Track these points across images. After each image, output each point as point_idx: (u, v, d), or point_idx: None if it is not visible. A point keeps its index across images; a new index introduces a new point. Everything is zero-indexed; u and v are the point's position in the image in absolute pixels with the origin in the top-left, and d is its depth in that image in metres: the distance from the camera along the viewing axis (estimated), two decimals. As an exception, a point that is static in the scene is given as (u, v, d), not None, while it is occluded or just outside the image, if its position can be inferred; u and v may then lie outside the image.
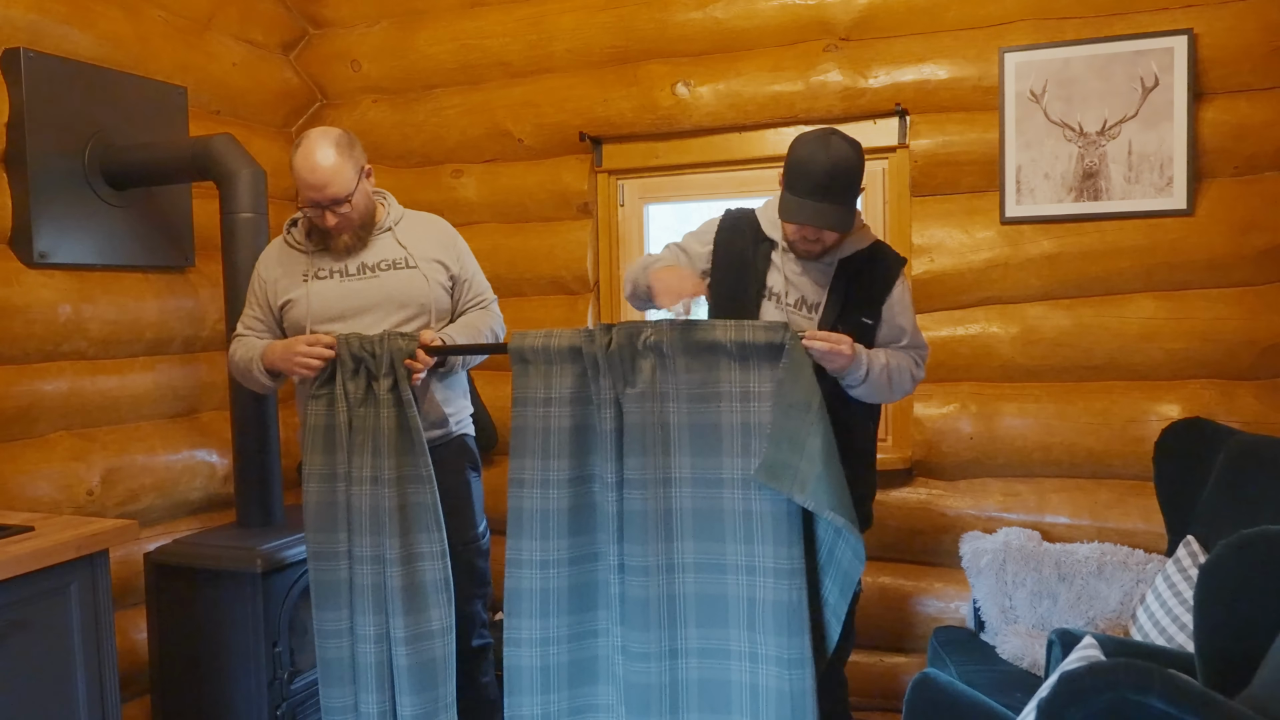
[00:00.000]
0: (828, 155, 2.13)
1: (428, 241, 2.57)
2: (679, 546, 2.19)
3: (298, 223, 2.56)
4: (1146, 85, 2.89)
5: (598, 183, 3.58)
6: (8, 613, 1.99)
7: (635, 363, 2.16)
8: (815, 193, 2.13)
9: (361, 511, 2.33)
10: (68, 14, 2.82)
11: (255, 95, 3.57)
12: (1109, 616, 2.67)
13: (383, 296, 2.47)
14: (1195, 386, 2.93)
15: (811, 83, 3.22)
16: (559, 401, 2.23)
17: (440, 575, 2.36)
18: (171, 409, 3.16)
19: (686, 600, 2.19)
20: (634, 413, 2.16)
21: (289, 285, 2.50)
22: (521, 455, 2.27)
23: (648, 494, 2.16)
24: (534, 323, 3.59)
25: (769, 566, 2.11)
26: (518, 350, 2.26)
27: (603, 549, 2.26)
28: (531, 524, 2.25)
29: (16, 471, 2.64)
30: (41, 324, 2.71)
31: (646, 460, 2.16)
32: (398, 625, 2.31)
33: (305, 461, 2.38)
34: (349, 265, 2.49)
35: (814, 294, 2.30)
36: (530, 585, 2.26)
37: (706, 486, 2.18)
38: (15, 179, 2.68)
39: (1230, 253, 2.86)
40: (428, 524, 2.36)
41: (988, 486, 3.14)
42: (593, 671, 2.29)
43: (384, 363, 2.30)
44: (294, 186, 2.44)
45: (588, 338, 2.19)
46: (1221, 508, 2.39)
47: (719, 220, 2.46)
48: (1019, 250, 3.05)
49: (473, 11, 3.61)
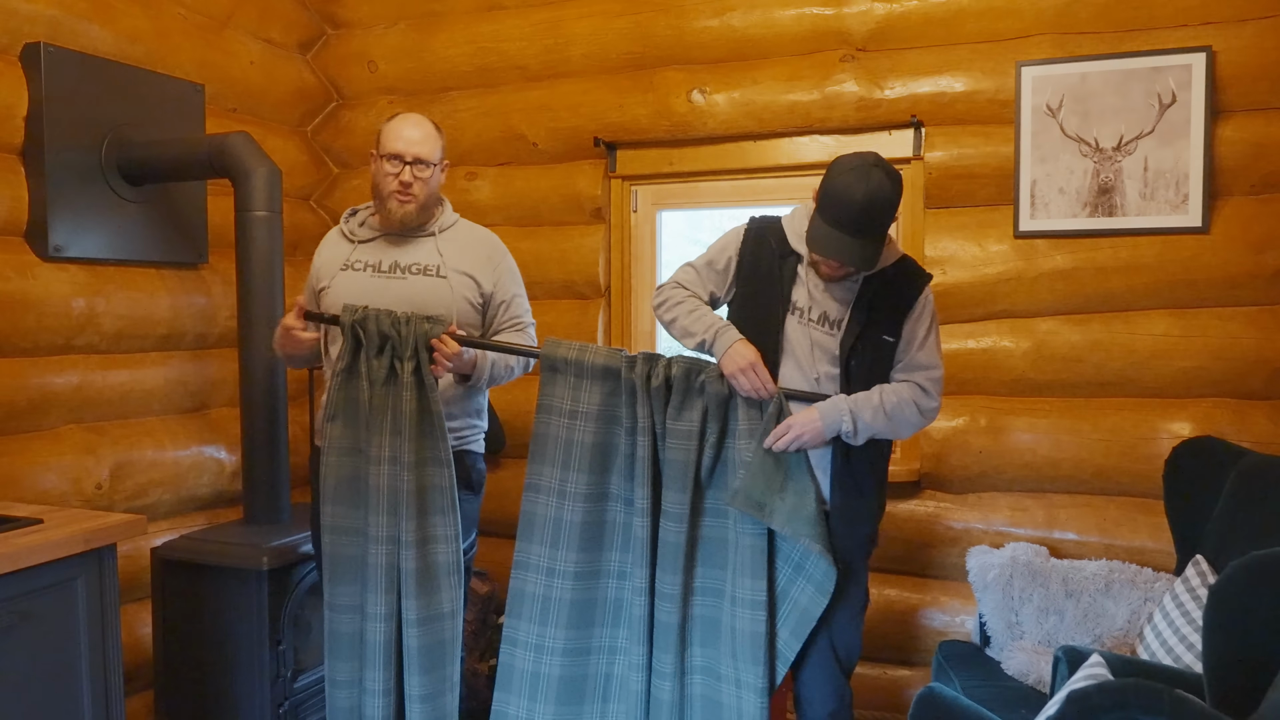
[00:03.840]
0: (865, 191, 2.05)
1: (466, 255, 2.54)
2: (699, 572, 2.29)
3: (357, 212, 2.60)
4: (1164, 102, 2.88)
5: (611, 188, 3.58)
6: (15, 604, 2.00)
7: (686, 400, 2.22)
8: (846, 226, 2.08)
9: (380, 491, 2.33)
10: (88, 10, 2.84)
11: (272, 94, 3.59)
12: (1116, 635, 2.65)
13: (405, 299, 2.45)
14: (1207, 405, 2.91)
15: (827, 92, 3.21)
16: (585, 416, 2.27)
17: (453, 558, 2.37)
18: (182, 405, 3.17)
19: (694, 622, 2.30)
20: (678, 449, 2.22)
21: (328, 271, 2.53)
22: (540, 462, 2.31)
23: (684, 527, 2.23)
24: (544, 327, 3.59)
25: (746, 598, 2.21)
26: (549, 358, 2.28)
27: (610, 568, 2.32)
28: (543, 530, 2.30)
29: (26, 463, 2.65)
30: (55, 317, 2.73)
31: (685, 496, 2.22)
32: (410, 607, 2.32)
33: (325, 432, 2.38)
34: (383, 262, 2.50)
35: (837, 311, 2.26)
36: (534, 590, 2.31)
37: (715, 516, 2.28)
38: (32, 173, 2.69)
39: (1245, 271, 2.84)
40: (443, 506, 2.37)
41: (996, 501, 3.12)
42: (580, 691, 2.33)
43: (409, 344, 2.30)
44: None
45: (628, 364, 2.23)
46: (1231, 528, 2.38)
47: (743, 230, 2.38)
48: (1032, 264, 3.04)
49: (490, 15, 3.62)
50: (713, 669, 2.29)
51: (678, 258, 3.90)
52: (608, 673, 2.34)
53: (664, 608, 2.26)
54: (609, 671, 2.34)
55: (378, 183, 2.48)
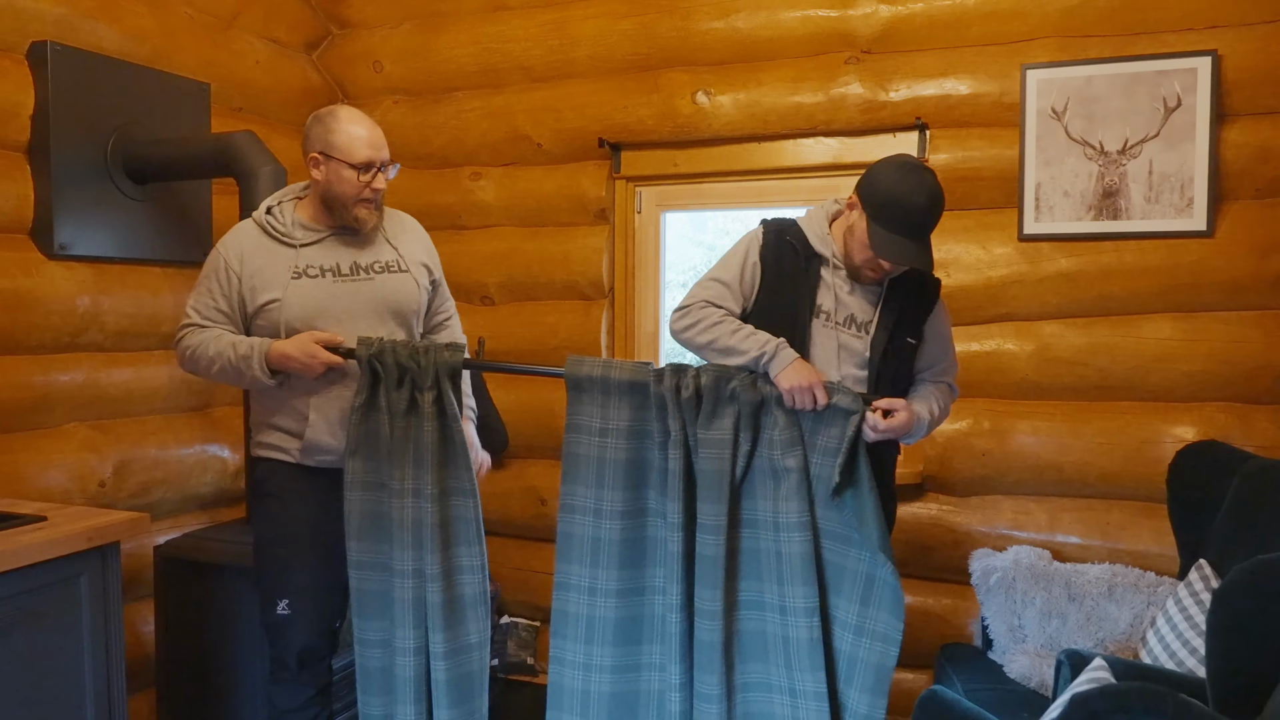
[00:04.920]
0: (927, 195, 2.11)
1: (414, 244, 2.49)
2: (740, 586, 2.23)
3: (280, 211, 2.38)
4: (1169, 105, 2.88)
5: (615, 189, 3.58)
6: (18, 601, 2.00)
7: (717, 409, 2.17)
8: (913, 231, 2.11)
9: (404, 524, 2.30)
10: (95, 9, 2.85)
11: (277, 93, 3.60)
12: (1118, 639, 2.65)
13: (376, 301, 2.37)
14: (1211, 409, 2.91)
15: (832, 94, 3.21)
16: (615, 433, 2.22)
17: (479, 589, 2.35)
18: (185, 403, 3.17)
19: (739, 638, 2.23)
20: (712, 458, 2.17)
21: (272, 281, 2.31)
22: (574, 481, 2.26)
23: (721, 539, 2.17)
24: (547, 327, 3.60)
25: (799, 606, 2.15)
26: (573, 377, 2.24)
27: (654, 584, 2.26)
28: (582, 550, 2.26)
29: (30, 461, 2.66)
30: (59, 315, 2.73)
31: (721, 508, 2.17)
32: (437, 640, 2.30)
33: (347, 468, 2.32)
34: (341, 264, 2.36)
35: (863, 313, 2.26)
36: (576, 610, 2.27)
37: (751, 527, 2.22)
38: (38, 170, 2.70)
39: (1250, 275, 2.84)
40: (469, 537, 2.34)
41: (999, 504, 3.12)
42: (633, 708, 2.28)
43: (429, 375, 2.26)
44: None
45: (656, 377, 2.19)
46: (1235, 532, 2.37)
47: (761, 235, 2.32)
48: (1036, 267, 3.04)
49: (495, 16, 3.63)
50: (763, 683, 2.22)
51: (681, 259, 3.92)
52: (660, 689, 2.28)
53: (704, 625, 2.18)
54: (661, 689, 2.28)
55: (338, 190, 2.30)
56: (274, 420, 2.38)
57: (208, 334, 2.31)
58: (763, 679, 2.22)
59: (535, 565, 3.65)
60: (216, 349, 2.28)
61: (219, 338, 2.30)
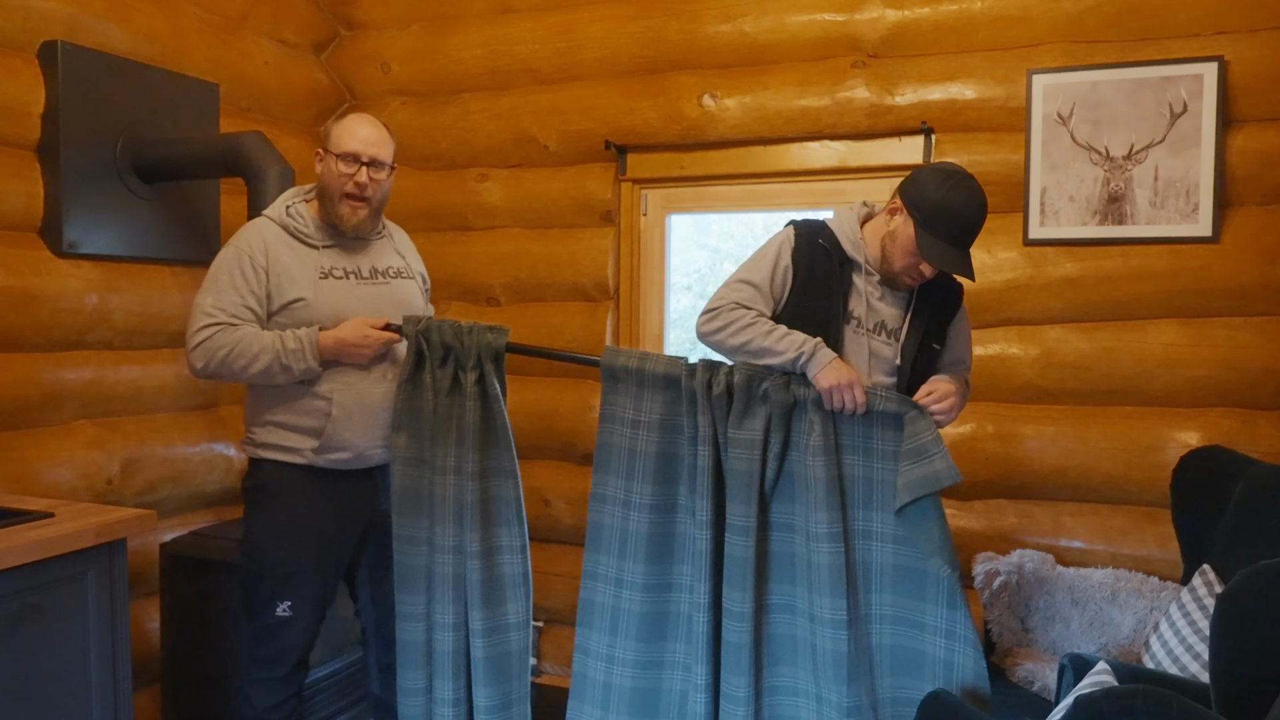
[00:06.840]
0: (975, 203, 2.11)
1: (411, 253, 2.63)
2: (770, 589, 2.21)
3: (299, 212, 2.39)
4: (1175, 111, 2.88)
5: (621, 191, 3.59)
6: (25, 597, 2.01)
7: (749, 409, 2.16)
8: (961, 239, 2.12)
9: (445, 501, 2.34)
10: (105, 9, 2.86)
11: (286, 94, 3.61)
12: (1122, 643, 2.65)
13: (395, 305, 2.44)
14: (1215, 415, 2.91)
15: (838, 98, 3.22)
16: (648, 426, 2.23)
17: (520, 569, 2.38)
18: (192, 401, 3.18)
19: (769, 641, 2.22)
20: (741, 458, 2.15)
21: (299, 280, 2.32)
22: (605, 472, 2.27)
23: (750, 541, 2.16)
24: (553, 328, 3.61)
25: (826, 617, 2.12)
26: (610, 367, 2.25)
27: (681, 581, 2.26)
28: (610, 540, 2.26)
29: (38, 458, 2.67)
30: (68, 313, 2.75)
31: (750, 509, 2.16)
32: (476, 617, 2.33)
33: (392, 442, 2.37)
34: (361, 267, 2.43)
35: (893, 319, 2.25)
36: (603, 600, 2.28)
37: (782, 530, 2.20)
38: (48, 169, 2.71)
39: (1255, 281, 2.84)
40: (509, 518, 2.38)
41: (1003, 508, 3.12)
42: (654, 705, 2.28)
43: (472, 354, 2.30)
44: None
45: (688, 372, 2.19)
46: (1239, 537, 2.37)
47: (793, 237, 2.26)
48: (1041, 272, 3.04)
49: (503, 18, 3.64)
50: (790, 687, 2.21)
51: (686, 262, 3.92)
52: (683, 689, 2.26)
53: (733, 627, 2.16)
54: (684, 688, 2.26)
55: (327, 183, 2.35)
56: (281, 419, 2.36)
57: (243, 332, 2.26)
58: (791, 683, 2.21)
59: (540, 565, 3.64)
60: (260, 345, 2.25)
61: (258, 335, 2.27)
